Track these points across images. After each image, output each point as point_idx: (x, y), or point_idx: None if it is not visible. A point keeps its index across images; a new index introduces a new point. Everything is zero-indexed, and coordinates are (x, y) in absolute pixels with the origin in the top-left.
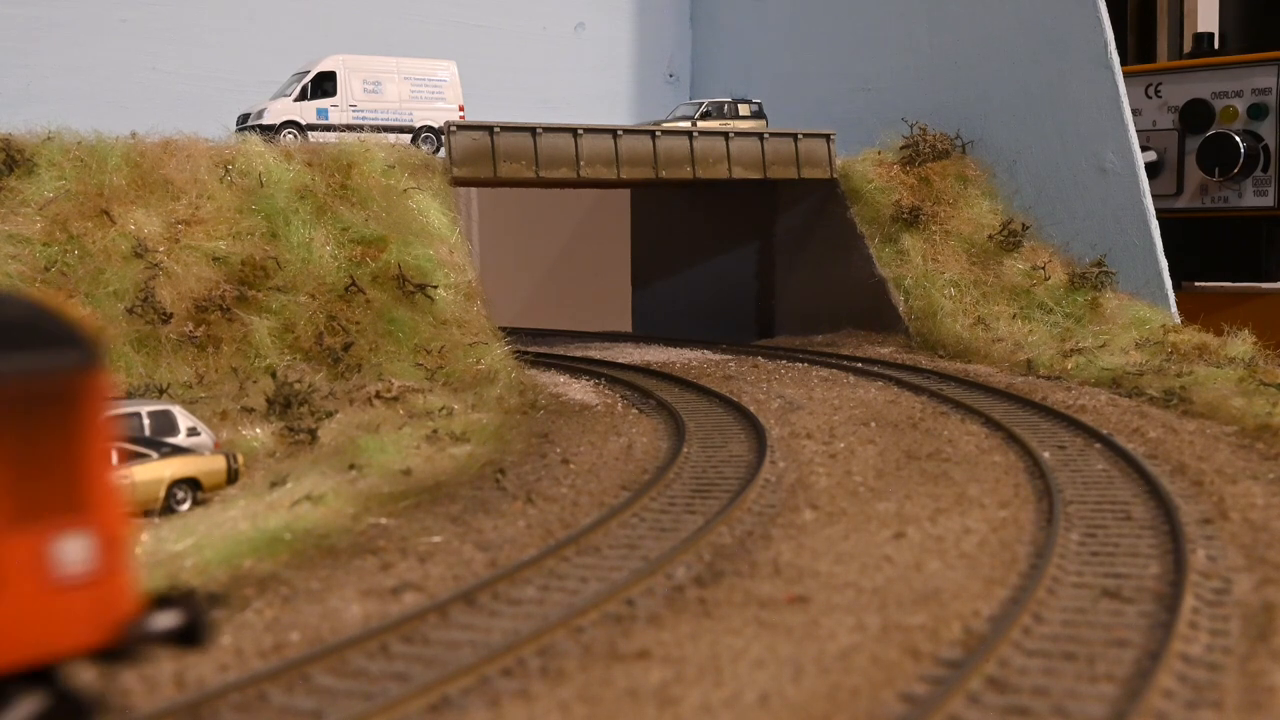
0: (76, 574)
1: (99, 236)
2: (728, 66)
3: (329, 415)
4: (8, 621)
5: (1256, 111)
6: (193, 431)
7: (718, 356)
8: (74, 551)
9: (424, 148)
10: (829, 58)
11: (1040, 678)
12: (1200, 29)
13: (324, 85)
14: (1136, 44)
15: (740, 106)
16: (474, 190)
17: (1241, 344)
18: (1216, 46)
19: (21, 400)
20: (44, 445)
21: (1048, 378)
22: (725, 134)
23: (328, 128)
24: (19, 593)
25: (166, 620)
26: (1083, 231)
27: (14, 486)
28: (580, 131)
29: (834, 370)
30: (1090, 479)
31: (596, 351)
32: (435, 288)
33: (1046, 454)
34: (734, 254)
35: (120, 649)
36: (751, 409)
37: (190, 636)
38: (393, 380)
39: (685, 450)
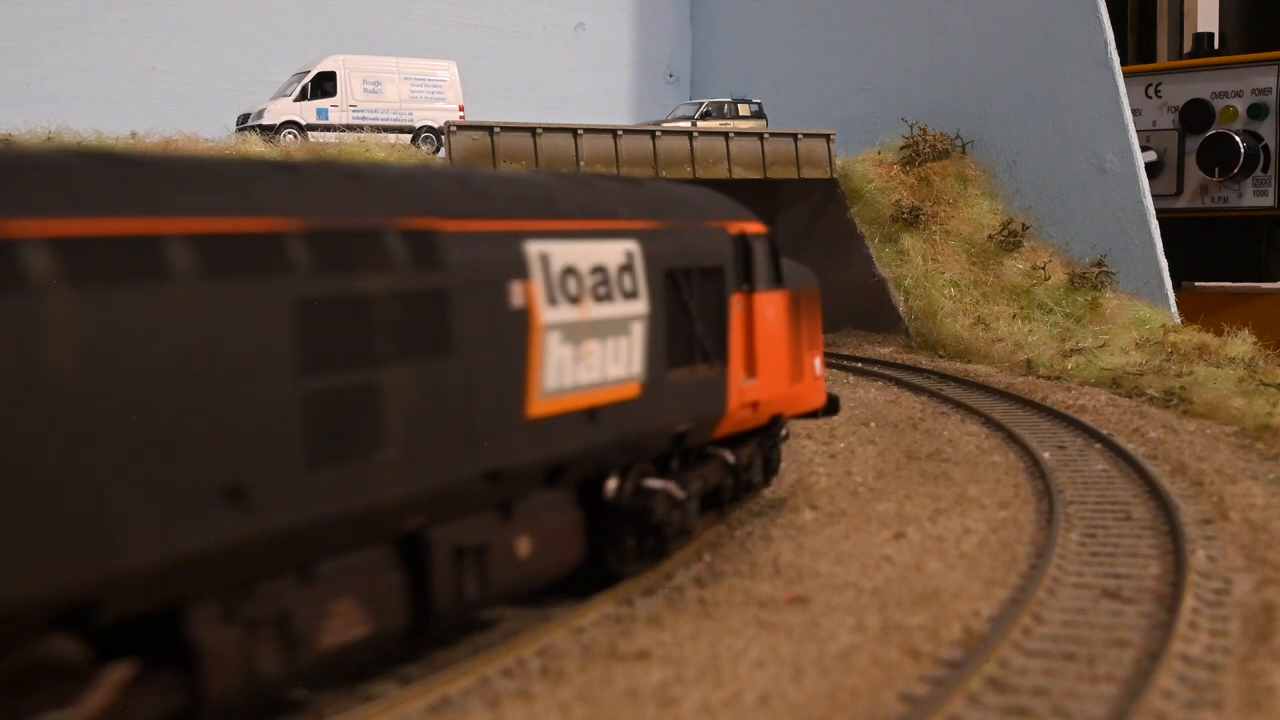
0: (817, 375)
1: None
2: (728, 66)
3: None
4: (806, 393)
5: (1256, 111)
6: None
7: None
8: (817, 365)
9: (424, 148)
10: (829, 58)
11: (1040, 678)
12: (1200, 29)
13: (324, 85)
14: (1136, 44)
15: (740, 106)
16: None
17: (1241, 344)
18: (1216, 46)
19: (808, 299)
20: (811, 317)
21: (1048, 378)
22: (725, 134)
23: (328, 128)
24: (808, 380)
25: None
26: (1083, 231)
27: (806, 334)
28: (580, 131)
29: (834, 370)
30: (1090, 479)
31: None
32: None
33: (1046, 454)
34: None
35: (820, 411)
36: None
37: (834, 409)
38: None
39: None
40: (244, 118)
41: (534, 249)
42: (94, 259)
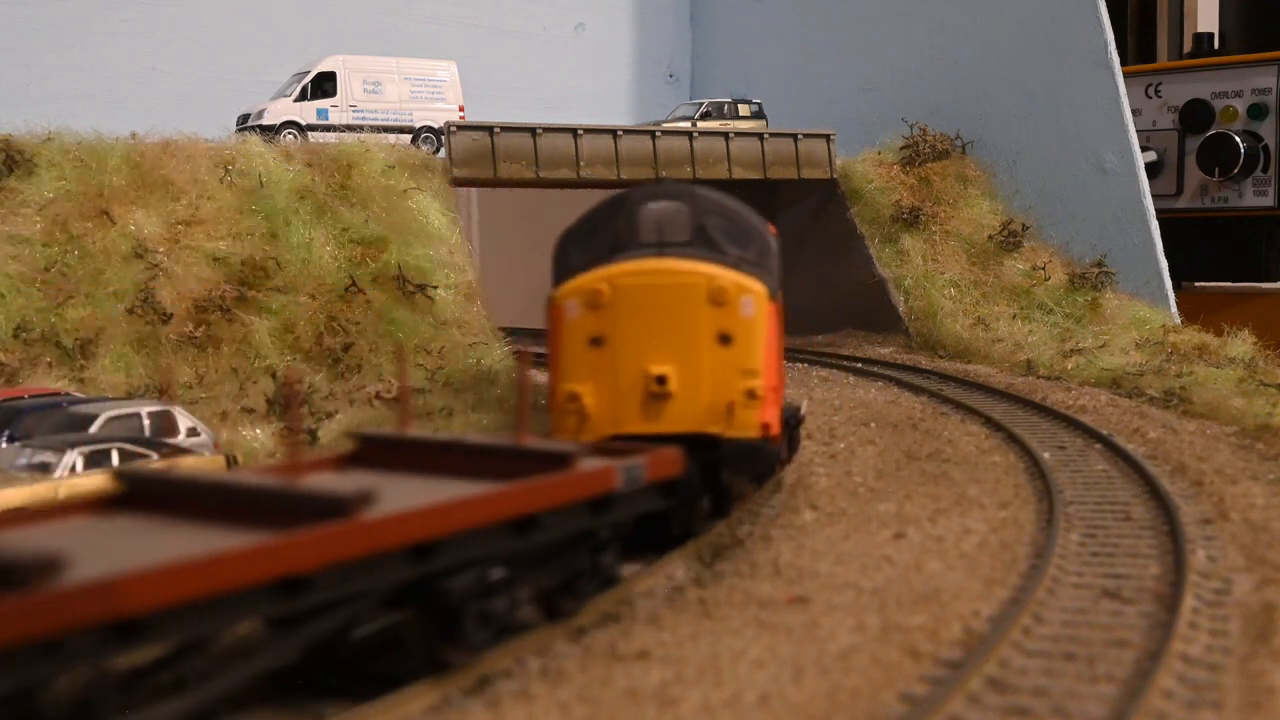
0: None
1: (99, 237)
2: (728, 66)
3: (329, 415)
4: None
5: (1256, 111)
6: (193, 432)
7: None
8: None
9: (424, 148)
10: (829, 58)
11: (1040, 678)
12: (1200, 29)
13: (324, 85)
14: (1136, 44)
15: (740, 106)
16: (474, 190)
17: (1241, 344)
18: (1216, 46)
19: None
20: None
21: (1048, 378)
22: (725, 134)
23: (328, 128)
24: None
25: None
26: (1083, 231)
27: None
28: (580, 131)
29: (834, 370)
30: (1090, 479)
31: None
32: (435, 288)
33: (1046, 454)
34: None
35: None
36: None
37: None
38: (393, 381)
39: None
40: (244, 118)
41: None
42: None
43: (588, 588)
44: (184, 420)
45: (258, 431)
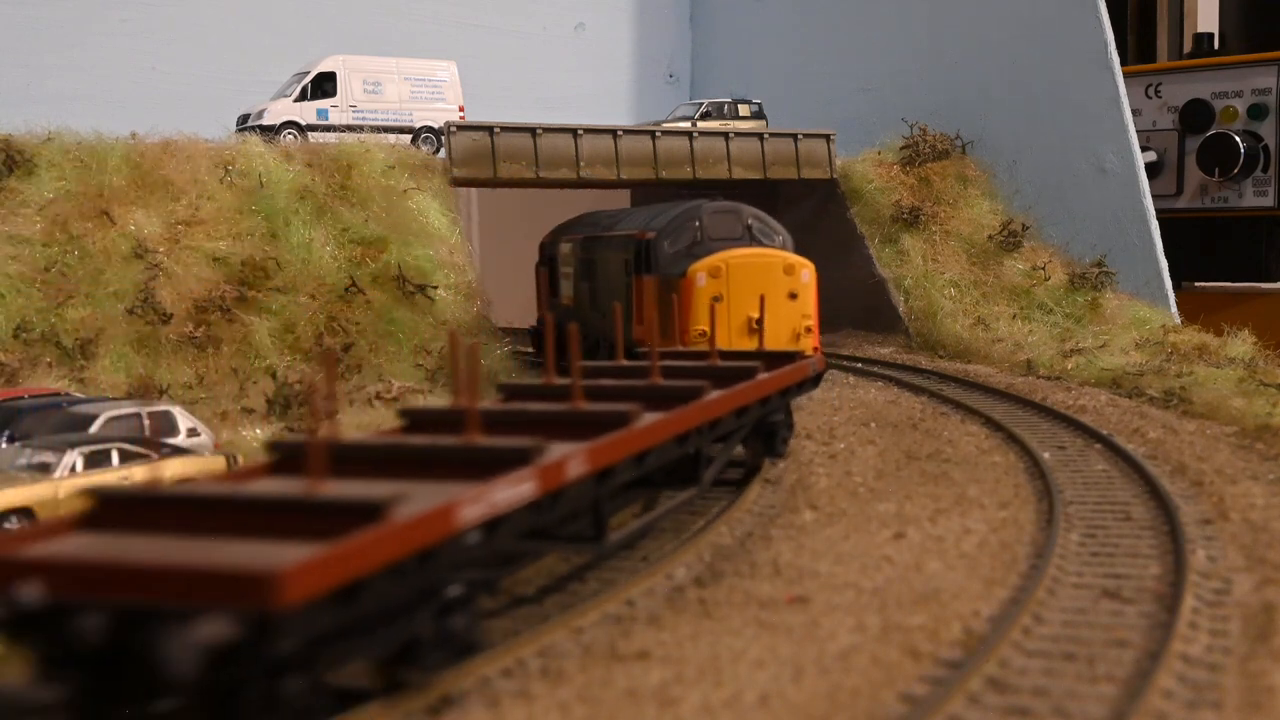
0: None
1: (99, 237)
2: (728, 66)
3: (329, 416)
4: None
5: (1256, 111)
6: (193, 432)
7: None
8: None
9: (424, 148)
10: (829, 58)
11: (1040, 678)
12: (1200, 29)
13: (324, 85)
14: (1136, 44)
15: (740, 107)
16: (474, 190)
17: (1241, 344)
18: (1216, 46)
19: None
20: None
21: (1048, 378)
22: (725, 134)
23: (328, 128)
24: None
25: None
26: (1083, 231)
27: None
28: (580, 132)
29: (834, 370)
30: (1090, 479)
31: None
32: (435, 288)
33: (1046, 454)
34: None
35: None
36: None
37: None
38: (393, 381)
39: None
40: (244, 118)
41: None
42: None
43: (787, 434)
44: (184, 420)
45: (258, 431)
